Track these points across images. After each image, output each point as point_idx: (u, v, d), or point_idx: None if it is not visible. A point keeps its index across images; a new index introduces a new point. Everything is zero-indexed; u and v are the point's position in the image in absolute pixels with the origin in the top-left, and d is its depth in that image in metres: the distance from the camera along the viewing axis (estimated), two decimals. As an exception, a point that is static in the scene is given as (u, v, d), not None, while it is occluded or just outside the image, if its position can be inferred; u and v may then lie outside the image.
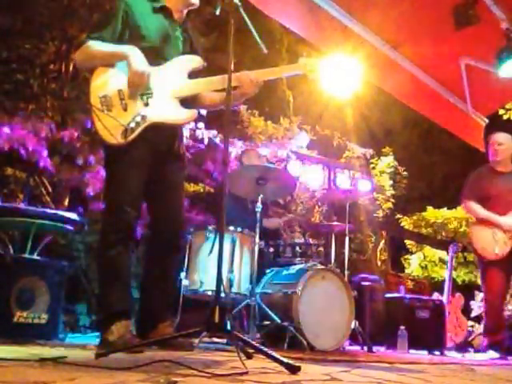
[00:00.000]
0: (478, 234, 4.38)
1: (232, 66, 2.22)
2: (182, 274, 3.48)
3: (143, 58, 2.46)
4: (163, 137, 2.61)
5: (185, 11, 2.77)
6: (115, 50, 2.49)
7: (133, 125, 2.43)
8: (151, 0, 2.68)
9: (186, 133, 5.21)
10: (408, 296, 5.42)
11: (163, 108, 2.51)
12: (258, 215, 3.58)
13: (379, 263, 9.50)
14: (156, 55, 2.53)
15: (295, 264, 3.89)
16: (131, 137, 2.42)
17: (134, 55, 2.44)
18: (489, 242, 4.28)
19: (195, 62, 2.62)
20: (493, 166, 4.54)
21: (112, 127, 2.41)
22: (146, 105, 2.48)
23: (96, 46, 2.49)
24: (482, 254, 4.32)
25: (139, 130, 2.44)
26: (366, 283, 5.62)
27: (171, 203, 2.73)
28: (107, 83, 2.48)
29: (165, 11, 2.68)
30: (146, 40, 2.53)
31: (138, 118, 2.44)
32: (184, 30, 2.78)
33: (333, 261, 4.45)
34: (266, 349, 1.89)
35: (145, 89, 2.48)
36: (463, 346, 6.15)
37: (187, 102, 2.59)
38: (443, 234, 10.10)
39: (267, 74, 2.64)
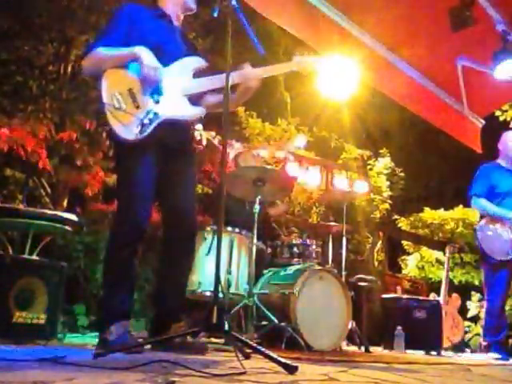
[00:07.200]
0: (487, 234, 4.34)
1: (230, 67, 2.25)
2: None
3: (153, 56, 2.54)
4: (173, 134, 2.62)
5: (182, 16, 2.89)
6: (125, 50, 2.55)
7: (147, 120, 2.48)
8: (151, 8, 2.81)
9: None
10: (405, 296, 5.44)
11: (174, 105, 2.58)
12: (256, 216, 3.59)
13: (376, 264, 9.49)
14: (161, 57, 2.58)
15: (293, 264, 3.91)
16: (147, 131, 2.46)
17: (145, 53, 2.52)
18: (500, 242, 4.26)
19: (198, 62, 2.70)
20: (500, 162, 4.55)
21: (128, 123, 2.45)
22: (157, 102, 2.54)
23: (105, 50, 2.55)
24: (491, 254, 4.29)
25: (154, 125, 2.49)
26: (363, 284, 5.64)
27: (183, 201, 2.70)
28: (118, 83, 2.53)
29: (165, 17, 2.80)
30: (150, 43, 2.58)
31: (151, 115, 2.50)
32: (183, 34, 2.89)
33: (330, 261, 4.47)
34: (263, 349, 1.90)
35: (157, 85, 2.54)
36: (460, 346, 6.18)
37: (194, 100, 2.67)
38: (440, 234, 10.09)
39: (265, 71, 2.70)
